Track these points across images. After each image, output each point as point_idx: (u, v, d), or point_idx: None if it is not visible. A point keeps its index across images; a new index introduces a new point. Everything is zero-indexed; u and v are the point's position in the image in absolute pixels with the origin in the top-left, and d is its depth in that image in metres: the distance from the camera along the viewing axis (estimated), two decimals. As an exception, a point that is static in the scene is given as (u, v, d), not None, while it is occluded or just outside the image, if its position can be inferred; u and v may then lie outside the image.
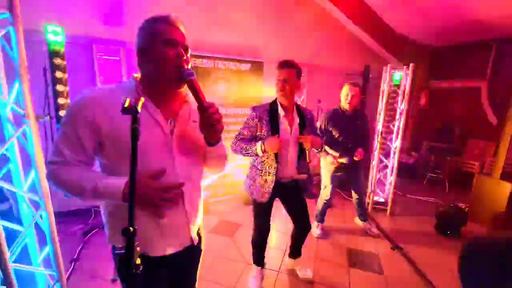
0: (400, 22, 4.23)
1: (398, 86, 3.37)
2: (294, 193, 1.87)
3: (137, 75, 0.89)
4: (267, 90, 3.54)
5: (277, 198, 1.87)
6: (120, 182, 0.75)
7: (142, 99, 0.66)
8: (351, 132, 2.50)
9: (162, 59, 0.81)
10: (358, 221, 3.04)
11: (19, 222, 1.44)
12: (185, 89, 0.88)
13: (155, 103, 0.85)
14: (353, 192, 2.86)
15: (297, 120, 1.71)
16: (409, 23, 4.15)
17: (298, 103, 1.78)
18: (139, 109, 0.63)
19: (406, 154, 5.04)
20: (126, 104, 0.62)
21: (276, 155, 1.67)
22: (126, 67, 2.88)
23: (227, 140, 2.21)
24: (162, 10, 0.89)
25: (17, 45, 1.21)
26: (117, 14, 2.76)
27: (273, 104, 1.71)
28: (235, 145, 1.71)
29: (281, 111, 1.68)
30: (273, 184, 1.71)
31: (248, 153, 1.64)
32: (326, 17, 4.20)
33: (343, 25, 4.35)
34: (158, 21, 0.84)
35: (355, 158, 2.48)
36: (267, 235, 1.96)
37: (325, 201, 2.74)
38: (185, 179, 0.87)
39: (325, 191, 2.73)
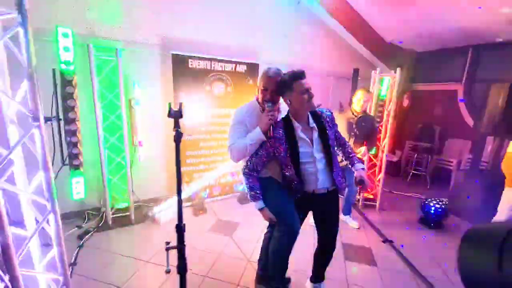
0: (386, 29, 4.45)
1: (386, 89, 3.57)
2: (326, 202, 1.63)
3: (256, 96, 1.74)
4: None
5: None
6: (256, 129, 1.55)
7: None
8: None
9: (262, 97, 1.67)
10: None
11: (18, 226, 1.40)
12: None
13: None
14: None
15: (314, 126, 1.54)
16: (394, 30, 4.38)
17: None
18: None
19: (390, 152, 5.30)
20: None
21: (297, 169, 1.52)
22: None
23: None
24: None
25: (26, 46, 1.19)
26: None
27: (286, 119, 1.56)
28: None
29: (297, 125, 1.52)
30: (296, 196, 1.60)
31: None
32: (318, 22, 4.33)
33: (334, 30, 4.50)
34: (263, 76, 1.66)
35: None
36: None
37: None
38: None
39: None
